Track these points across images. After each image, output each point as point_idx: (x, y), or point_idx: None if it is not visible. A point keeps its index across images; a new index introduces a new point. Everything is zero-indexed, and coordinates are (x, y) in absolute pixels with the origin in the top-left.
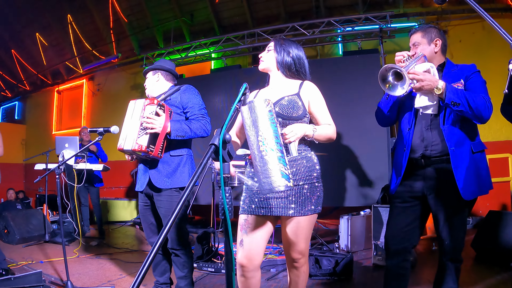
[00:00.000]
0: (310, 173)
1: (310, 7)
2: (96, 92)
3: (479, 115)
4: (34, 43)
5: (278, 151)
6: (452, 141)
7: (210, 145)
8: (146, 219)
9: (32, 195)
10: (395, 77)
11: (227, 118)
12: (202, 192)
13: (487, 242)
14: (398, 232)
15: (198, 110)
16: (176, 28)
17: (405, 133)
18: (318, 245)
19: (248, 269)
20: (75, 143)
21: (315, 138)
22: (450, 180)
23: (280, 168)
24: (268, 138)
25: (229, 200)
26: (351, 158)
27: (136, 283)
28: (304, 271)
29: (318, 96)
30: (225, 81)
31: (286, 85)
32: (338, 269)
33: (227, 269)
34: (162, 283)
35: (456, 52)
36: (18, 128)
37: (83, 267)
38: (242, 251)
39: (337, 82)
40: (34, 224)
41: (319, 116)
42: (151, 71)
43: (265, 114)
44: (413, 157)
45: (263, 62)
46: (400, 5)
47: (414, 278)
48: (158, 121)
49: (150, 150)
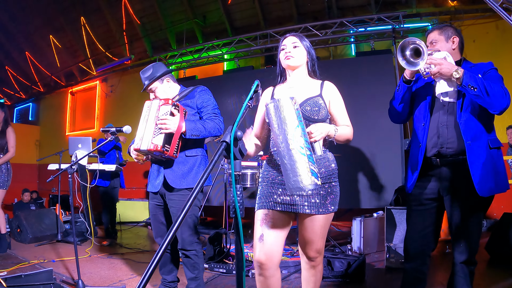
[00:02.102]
0: (328, 173)
1: (322, 8)
2: (109, 93)
3: (496, 102)
4: (47, 45)
5: (307, 149)
6: (469, 135)
7: (221, 142)
8: (157, 218)
9: (46, 195)
10: (413, 54)
11: (239, 115)
12: (214, 193)
13: (501, 245)
14: (417, 235)
15: (211, 110)
16: (189, 29)
17: (419, 129)
18: (330, 247)
19: (267, 267)
20: (88, 144)
21: (336, 138)
22: (466, 180)
23: (309, 166)
24: (297, 136)
25: (240, 198)
26: (364, 159)
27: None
28: (319, 270)
29: (338, 97)
30: (237, 82)
31: (308, 85)
32: (350, 271)
33: (238, 268)
34: (170, 282)
35: (469, 52)
36: (32, 129)
37: (94, 266)
38: (262, 247)
39: (350, 83)
40: (46, 223)
41: (338, 117)
42: (157, 80)
43: (292, 113)
44: (428, 156)
45: (293, 58)
46: (413, 5)
47: (427, 281)
48: (172, 121)
49: (165, 150)
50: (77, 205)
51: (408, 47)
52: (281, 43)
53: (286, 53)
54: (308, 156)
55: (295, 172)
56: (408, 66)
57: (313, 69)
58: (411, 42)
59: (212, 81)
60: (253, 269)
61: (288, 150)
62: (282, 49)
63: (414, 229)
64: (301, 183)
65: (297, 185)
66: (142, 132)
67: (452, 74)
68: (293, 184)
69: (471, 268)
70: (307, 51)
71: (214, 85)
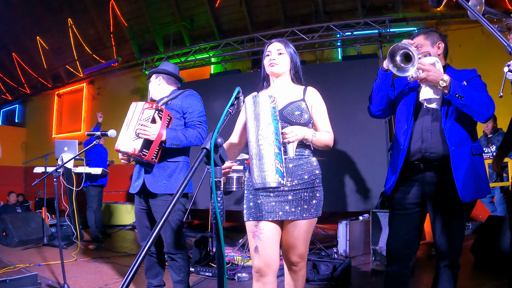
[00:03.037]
0: (311, 177)
1: (309, 12)
2: (96, 95)
3: (482, 111)
4: (34, 46)
5: (276, 147)
6: (453, 141)
7: (202, 149)
8: (141, 222)
9: (32, 198)
10: (403, 59)
11: (220, 121)
12: (201, 196)
13: (486, 247)
14: (400, 239)
15: (197, 117)
16: (176, 32)
17: (401, 132)
18: (316, 250)
19: (266, 274)
20: (74, 147)
21: (314, 143)
22: (450, 185)
23: (275, 164)
24: (268, 133)
25: (221, 204)
26: (350, 163)
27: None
28: (302, 275)
29: (320, 102)
30: (224, 85)
31: (292, 90)
32: (336, 274)
33: (219, 272)
34: (156, 286)
35: (455, 56)
36: (18, 131)
37: (80, 270)
38: (259, 257)
39: (336, 86)
40: (32, 227)
41: (319, 122)
42: (154, 74)
43: (268, 109)
44: (411, 160)
45: (278, 66)
46: (399, 10)
47: (413, 283)
48: (152, 129)
49: (143, 154)
50: (63, 208)
51: (398, 53)
52: (266, 48)
53: (271, 60)
54: (276, 154)
55: (261, 167)
56: (398, 72)
57: (296, 76)
58: (401, 47)
59: (199, 84)
60: (239, 272)
61: (257, 145)
62: (267, 55)
63: (397, 234)
64: (265, 179)
65: (261, 180)
66: (123, 133)
67: (438, 82)
68: (257, 180)
69: (455, 271)
70: (290, 59)
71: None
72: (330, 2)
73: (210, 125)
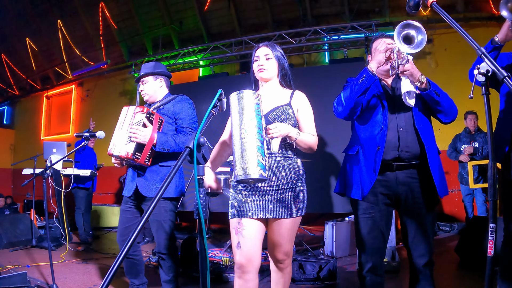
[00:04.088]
0: (295, 177)
1: (297, 16)
2: (85, 98)
3: (453, 111)
4: (24, 48)
5: (259, 141)
6: (427, 140)
7: (185, 148)
8: (123, 221)
9: (20, 200)
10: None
11: (202, 122)
12: (189, 198)
13: (471, 247)
14: (377, 244)
15: (187, 123)
16: (165, 35)
17: (375, 131)
18: (303, 251)
19: (248, 270)
20: (63, 148)
21: (297, 143)
22: (424, 183)
23: (257, 157)
24: (251, 127)
25: (203, 201)
26: (336, 165)
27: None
28: (288, 272)
29: (306, 106)
30: (212, 88)
31: (279, 95)
32: (322, 274)
33: (202, 268)
34: (139, 284)
35: (441, 60)
36: (6, 133)
37: (69, 271)
38: (241, 252)
39: (323, 90)
40: (21, 228)
41: (304, 125)
42: (151, 75)
43: (251, 105)
44: (386, 160)
45: (266, 71)
46: (386, 14)
47: (398, 283)
48: (143, 132)
49: (136, 158)
50: (52, 210)
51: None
52: (254, 53)
53: (259, 65)
54: (258, 148)
55: (243, 160)
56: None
57: (284, 79)
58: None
59: (188, 87)
60: (226, 273)
61: (240, 138)
62: (255, 60)
63: (374, 239)
64: (246, 171)
65: (243, 172)
66: (116, 138)
67: (419, 77)
68: (239, 171)
69: (431, 267)
70: (278, 62)
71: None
72: (318, 6)
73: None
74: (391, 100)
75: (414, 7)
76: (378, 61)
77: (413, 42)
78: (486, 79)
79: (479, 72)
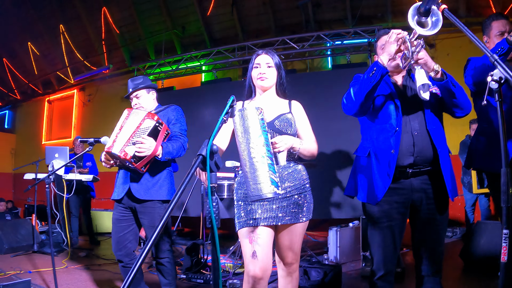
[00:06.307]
0: (301, 184)
1: (300, 21)
2: (86, 102)
3: (467, 104)
4: (25, 52)
5: (269, 159)
6: (439, 143)
7: (198, 155)
8: (118, 230)
9: (21, 205)
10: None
11: (215, 129)
12: (191, 204)
13: (475, 252)
14: (391, 254)
15: (179, 129)
16: (167, 40)
17: (389, 133)
18: (307, 257)
19: (263, 281)
20: (65, 153)
21: (301, 151)
22: (438, 188)
23: (270, 175)
24: (259, 145)
25: (216, 209)
26: (339, 171)
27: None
28: (296, 277)
29: (304, 114)
30: (215, 93)
31: (278, 103)
32: (327, 280)
33: (214, 277)
34: None
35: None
36: (8, 137)
37: (71, 277)
38: (257, 263)
39: (326, 95)
40: (22, 234)
41: (303, 134)
42: (145, 89)
43: (256, 122)
44: (400, 165)
45: (268, 79)
46: (389, 19)
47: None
48: (148, 145)
49: (133, 161)
50: (53, 215)
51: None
52: (253, 59)
53: (261, 74)
54: (269, 165)
55: (255, 180)
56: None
57: (281, 88)
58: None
59: (190, 92)
60: (230, 279)
61: (250, 158)
62: (255, 67)
63: (389, 248)
64: (261, 191)
65: (257, 192)
66: (119, 135)
67: (433, 67)
68: (253, 192)
69: (441, 276)
70: (277, 71)
71: (191, 96)
72: (320, 11)
73: (200, 132)
74: (404, 100)
75: (425, 13)
76: (389, 52)
77: (427, 25)
78: (499, 86)
79: (493, 79)
